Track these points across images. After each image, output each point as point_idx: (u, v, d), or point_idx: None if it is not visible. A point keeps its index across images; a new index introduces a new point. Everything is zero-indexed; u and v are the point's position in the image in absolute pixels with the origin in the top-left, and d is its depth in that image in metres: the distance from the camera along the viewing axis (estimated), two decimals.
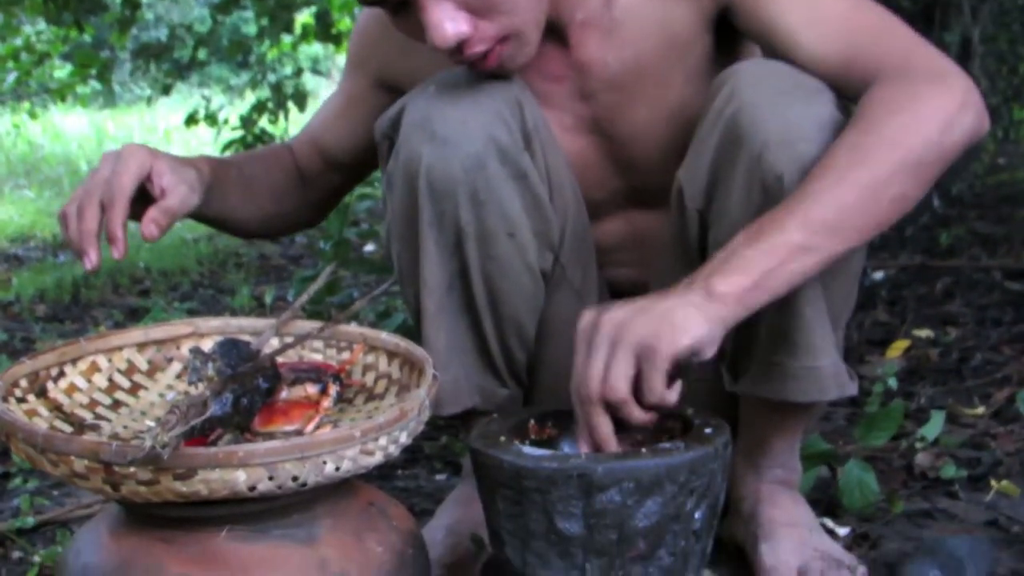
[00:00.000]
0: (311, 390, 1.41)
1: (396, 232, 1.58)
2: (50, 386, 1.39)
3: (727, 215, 1.48)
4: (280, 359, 1.45)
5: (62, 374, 1.41)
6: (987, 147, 4.82)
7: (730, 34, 1.58)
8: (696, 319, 1.29)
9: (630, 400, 1.30)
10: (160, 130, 10.51)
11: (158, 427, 1.09)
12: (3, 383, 1.31)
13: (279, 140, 5.02)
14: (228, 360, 1.34)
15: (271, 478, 1.14)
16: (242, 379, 1.29)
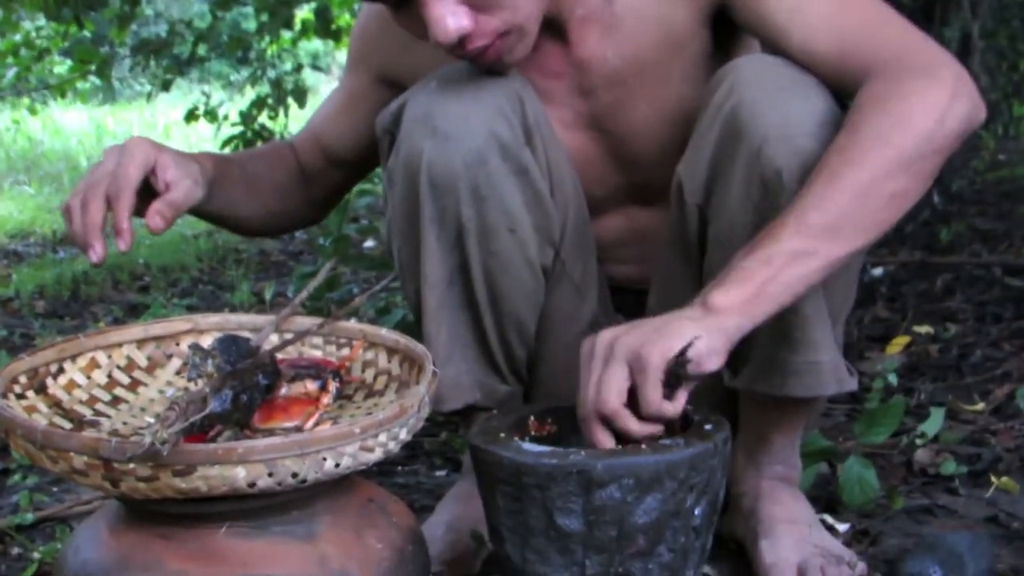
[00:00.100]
0: (311, 386, 1.41)
1: (397, 228, 1.58)
2: (49, 382, 1.39)
3: (726, 210, 1.48)
4: (280, 355, 1.45)
5: (61, 370, 1.41)
6: (987, 143, 4.82)
7: (728, 30, 1.59)
8: (689, 328, 1.29)
9: (623, 412, 1.30)
10: (160, 126, 10.49)
11: (157, 423, 1.09)
12: (2, 379, 1.31)
13: (279, 136, 5.01)
14: (227, 356, 1.33)
15: (270, 474, 1.14)
16: (242, 375, 1.29)
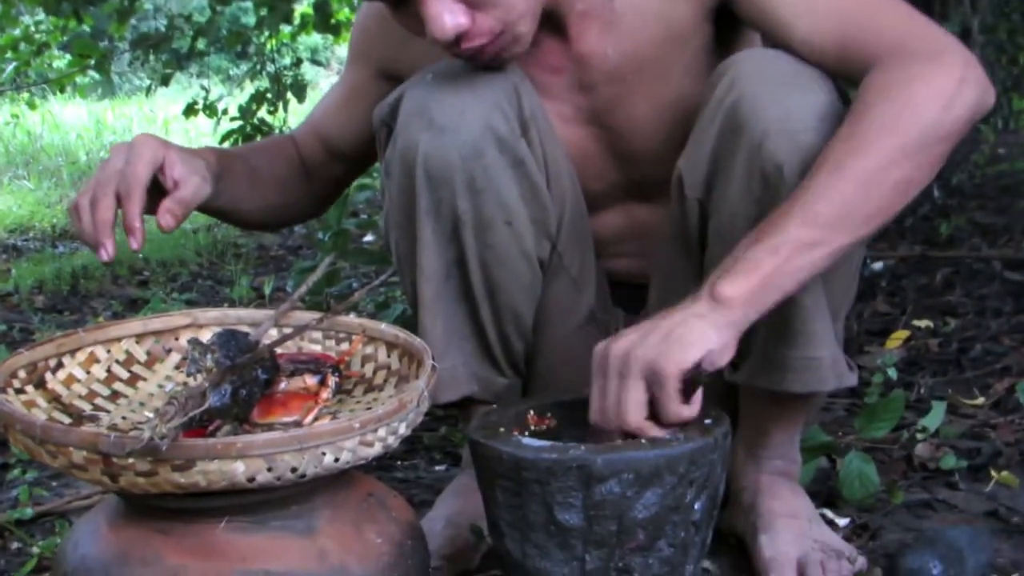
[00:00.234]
0: (310, 381, 1.41)
1: (394, 220, 1.58)
2: (48, 377, 1.39)
3: (727, 204, 1.48)
4: (279, 350, 1.45)
5: (60, 365, 1.41)
6: (987, 137, 4.81)
7: (729, 24, 1.58)
8: (703, 330, 1.29)
9: (645, 424, 1.31)
10: (159, 120, 10.48)
11: (156, 418, 1.09)
12: (1, 374, 1.30)
13: (278, 131, 5.00)
14: (227, 351, 1.33)
15: (270, 469, 1.14)
16: (241, 370, 1.29)
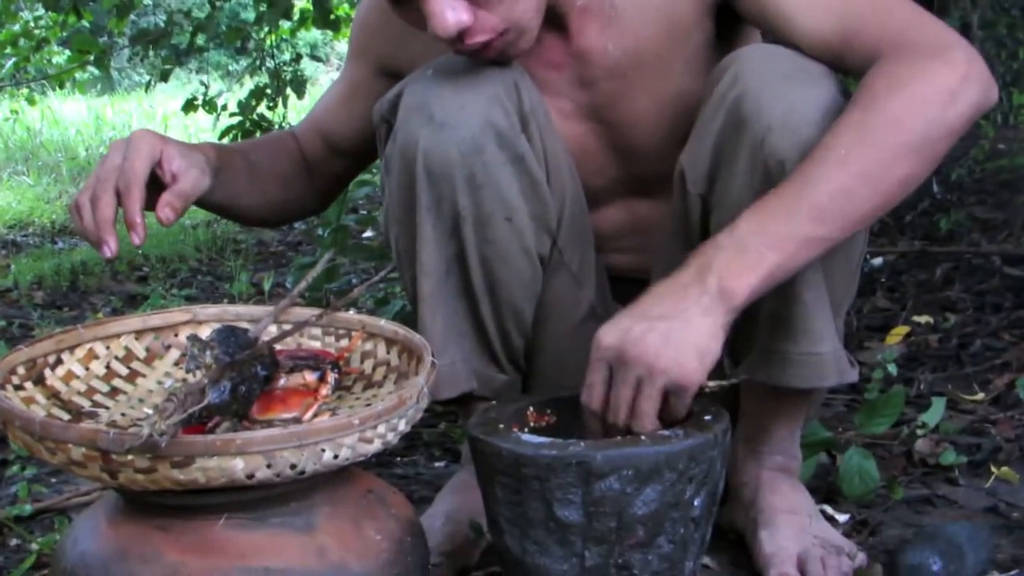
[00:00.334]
0: (309, 378, 1.41)
1: (394, 216, 1.57)
2: (47, 373, 1.39)
3: (729, 199, 1.48)
4: (278, 346, 1.45)
5: (60, 361, 1.41)
6: (987, 132, 4.81)
7: (730, 20, 1.58)
8: (715, 334, 1.30)
9: (655, 429, 1.32)
10: (158, 116, 10.47)
11: (156, 415, 1.09)
12: (1, 370, 1.30)
13: (277, 127, 4.99)
14: (226, 348, 1.33)
15: (269, 466, 1.13)
16: (240, 367, 1.29)
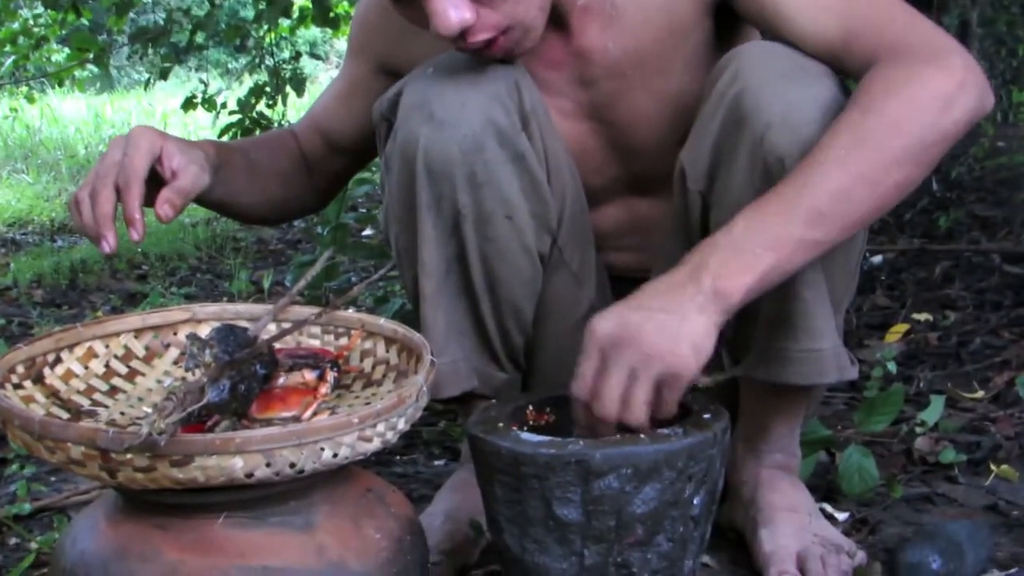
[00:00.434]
0: (308, 376, 1.41)
1: (394, 214, 1.57)
2: (47, 372, 1.39)
3: (729, 197, 1.48)
4: (277, 345, 1.45)
5: (59, 360, 1.41)
6: (986, 130, 4.81)
7: (729, 20, 1.58)
8: (708, 328, 1.30)
9: (647, 423, 1.31)
10: (158, 114, 10.47)
11: (155, 414, 1.09)
12: (0, 369, 1.30)
13: (277, 125, 4.99)
14: (225, 346, 1.33)
15: (268, 465, 1.13)
16: (239, 365, 1.29)
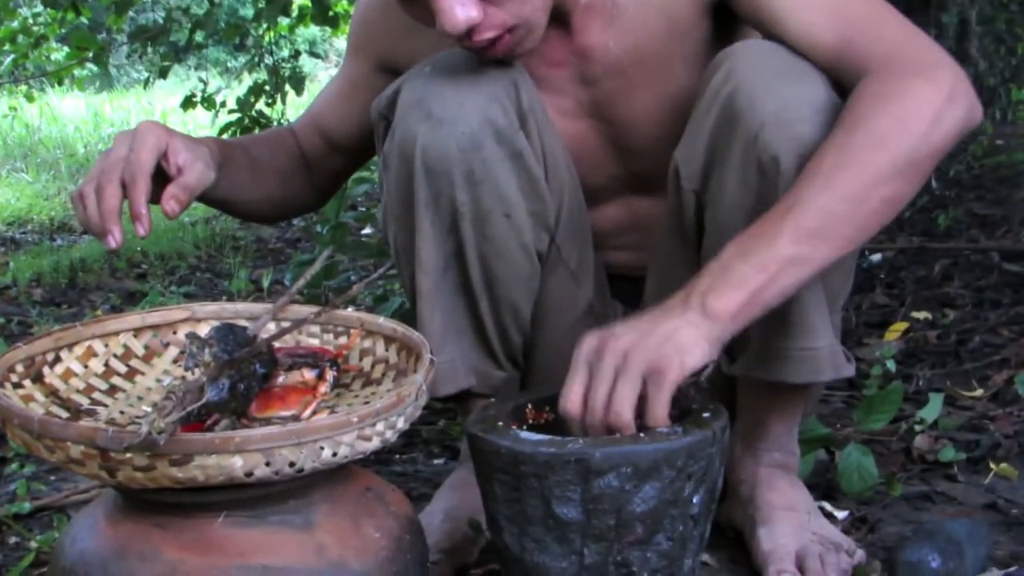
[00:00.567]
0: (308, 375, 1.41)
1: (392, 213, 1.57)
2: (46, 371, 1.39)
3: (723, 195, 1.48)
4: (277, 344, 1.45)
5: (58, 359, 1.41)
6: (985, 128, 4.81)
7: (728, 20, 1.58)
8: (698, 340, 1.29)
9: (632, 425, 1.30)
10: (157, 113, 10.47)
11: (154, 413, 1.09)
12: (0, 368, 1.31)
13: (276, 123, 4.99)
14: (225, 345, 1.33)
15: (268, 464, 1.14)
16: (239, 364, 1.29)
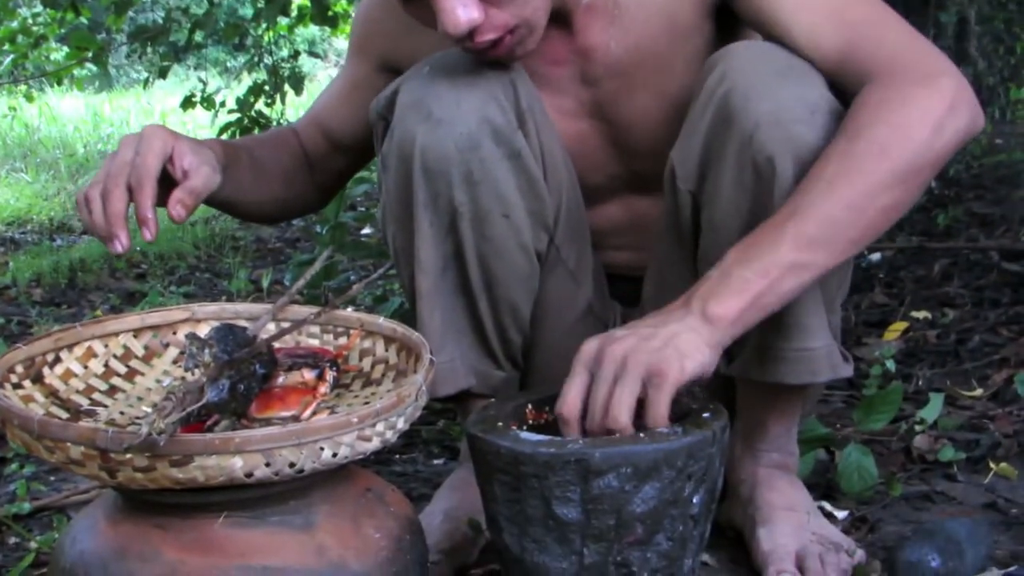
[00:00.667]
0: (308, 376, 1.41)
1: (391, 213, 1.57)
2: (46, 372, 1.39)
3: (719, 196, 1.48)
4: (277, 344, 1.45)
5: (58, 360, 1.41)
6: (984, 127, 4.82)
7: (731, 22, 1.58)
8: (699, 345, 1.30)
9: (630, 428, 1.30)
10: (156, 113, 10.48)
11: (154, 413, 1.09)
12: None
13: (276, 123, 4.99)
14: (224, 346, 1.33)
15: (268, 464, 1.14)
16: (238, 365, 1.29)
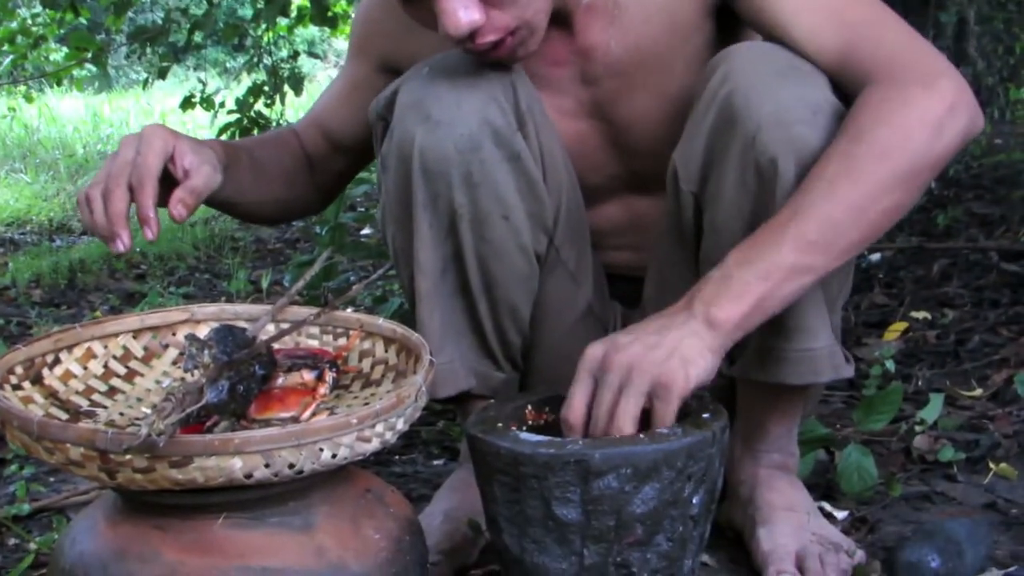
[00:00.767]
0: (307, 377, 1.41)
1: (391, 214, 1.57)
2: (45, 373, 1.39)
3: (721, 197, 1.48)
4: (276, 345, 1.45)
5: (57, 361, 1.41)
6: (984, 128, 4.82)
7: (731, 22, 1.58)
8: (702, 351, 1.30)
9: (634, 435, 1.30)
10: (156, 114, 10.48)
11: (154, 414, 1.09)
12: None
13: (275, 124, 4.99)
14: (224, 347, 1.33)
15: (267, 465, 1.13)
16: (238, 366, 1.29)
